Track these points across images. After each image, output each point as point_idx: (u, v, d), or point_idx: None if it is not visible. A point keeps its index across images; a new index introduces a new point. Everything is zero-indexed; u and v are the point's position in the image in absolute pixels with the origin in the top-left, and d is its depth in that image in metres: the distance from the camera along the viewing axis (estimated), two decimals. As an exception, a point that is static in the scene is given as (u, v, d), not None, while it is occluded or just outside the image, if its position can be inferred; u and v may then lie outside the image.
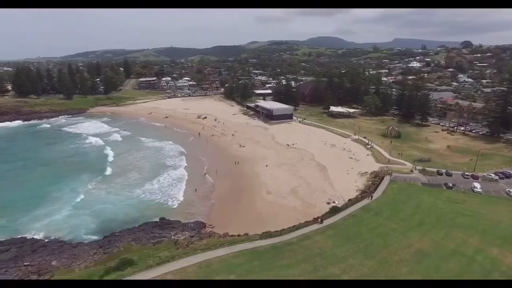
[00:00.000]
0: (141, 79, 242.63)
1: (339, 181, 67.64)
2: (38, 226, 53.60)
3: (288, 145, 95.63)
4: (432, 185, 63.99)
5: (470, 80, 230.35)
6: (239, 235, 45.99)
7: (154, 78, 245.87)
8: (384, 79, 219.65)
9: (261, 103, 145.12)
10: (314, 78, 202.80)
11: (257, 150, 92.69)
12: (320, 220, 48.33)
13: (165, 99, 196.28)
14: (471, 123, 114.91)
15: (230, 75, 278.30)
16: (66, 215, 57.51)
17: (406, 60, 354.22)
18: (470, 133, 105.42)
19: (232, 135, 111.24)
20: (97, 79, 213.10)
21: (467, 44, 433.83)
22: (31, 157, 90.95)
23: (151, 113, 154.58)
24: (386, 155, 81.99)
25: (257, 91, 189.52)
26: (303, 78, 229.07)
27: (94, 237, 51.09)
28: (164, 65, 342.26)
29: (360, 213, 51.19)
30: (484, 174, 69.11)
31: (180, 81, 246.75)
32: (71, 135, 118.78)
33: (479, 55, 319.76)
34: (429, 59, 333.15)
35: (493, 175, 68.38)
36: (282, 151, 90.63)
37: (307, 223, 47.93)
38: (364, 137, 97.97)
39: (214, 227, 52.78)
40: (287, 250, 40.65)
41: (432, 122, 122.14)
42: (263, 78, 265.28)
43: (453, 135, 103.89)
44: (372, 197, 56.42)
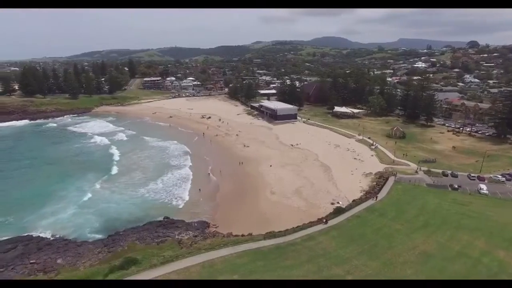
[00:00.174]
0: (145, 79, 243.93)
1: (343, 181, 67.38)
2: (44, 225, 54.22)
3: (292, 145, 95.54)
4: (437, 186, 63.52)
5: (476, 80, 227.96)
6: (243, 235, 46.04)
7: (158, 78, 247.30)
8: (389, 79, 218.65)
9: (265, 103, 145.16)
10: (319, 78, 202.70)
11: (261, 150, 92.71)
12: (325, 220, 48.25)
13: (170, 99, 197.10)
14: (477, 124, 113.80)
15: (234, 75, 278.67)
16: (72, 213, 58.11)
17: (411, 60, 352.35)
18: (476, 134, 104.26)
19: (237, 135, 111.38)
20: (102, 79, 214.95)
21: (473, 44, 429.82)
22: (37, 156, 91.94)
23: (155, 112, 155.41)
24: (391, 155, 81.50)
25: (261, 91, 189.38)
26: (307, 78, 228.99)
27: (98, 236, 51.53)
28: (169, 65, 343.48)
29: (364, 214, 50.96)
30: (491, 175, 68.41)
31: (185, 81, 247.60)
32: (76, 134, 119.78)
33: (485, 55, 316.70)
34: (434, 59, 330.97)
35: (499, 176, 67.67)
36: (286, 151, 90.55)
37: (311, 224, 47.89)
38: (369, 138, 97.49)
39: (218, 227, 52.90)
40: (291, 251, 40.57)
41: (437, 123, 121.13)
42: (267, 78, 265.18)
43: (458, 136, 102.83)
44: (376, 198, 56.13)
